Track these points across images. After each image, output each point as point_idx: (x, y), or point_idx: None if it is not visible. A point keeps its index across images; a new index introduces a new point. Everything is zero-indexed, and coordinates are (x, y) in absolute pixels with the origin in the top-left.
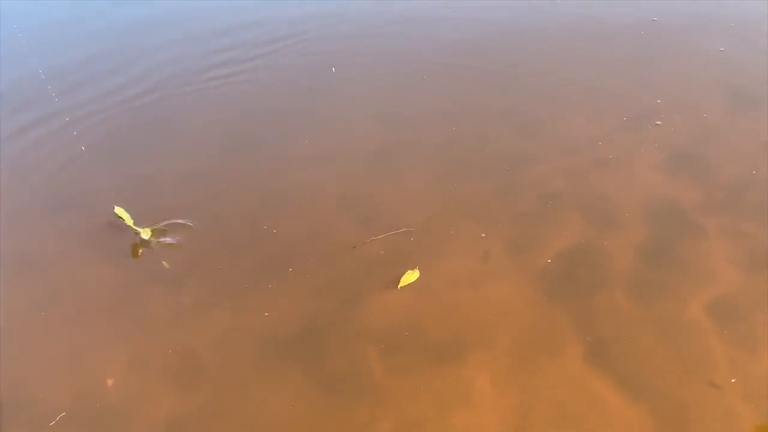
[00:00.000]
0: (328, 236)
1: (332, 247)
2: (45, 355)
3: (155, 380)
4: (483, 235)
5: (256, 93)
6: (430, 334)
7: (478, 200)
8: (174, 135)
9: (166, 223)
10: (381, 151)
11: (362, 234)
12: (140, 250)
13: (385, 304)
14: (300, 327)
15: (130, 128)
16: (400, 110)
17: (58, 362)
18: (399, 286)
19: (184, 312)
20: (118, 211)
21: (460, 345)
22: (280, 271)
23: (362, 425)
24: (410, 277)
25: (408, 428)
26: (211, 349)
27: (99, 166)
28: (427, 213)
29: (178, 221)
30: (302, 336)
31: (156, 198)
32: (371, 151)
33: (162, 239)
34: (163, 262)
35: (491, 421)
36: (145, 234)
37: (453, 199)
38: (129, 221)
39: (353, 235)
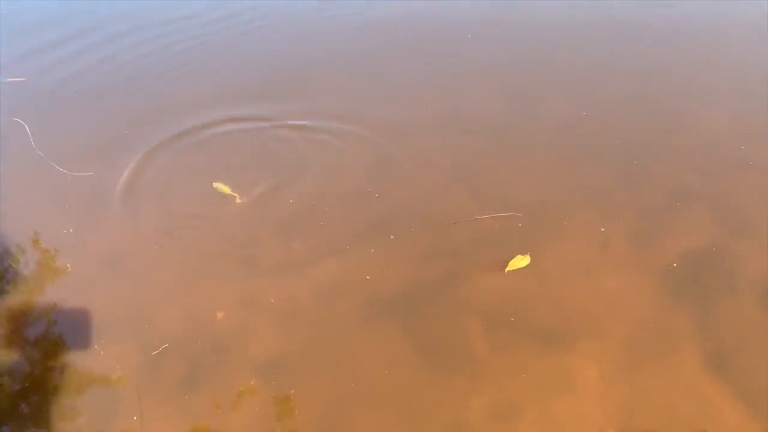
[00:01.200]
0: (434, 207)
1: (436, 219)
2: (163, 282)
3: (260, 320)
4: (602, 229)
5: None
6: (538, 317)
7: (600, 189)
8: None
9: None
10: (503, 125)
11: (472, 209)
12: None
13: (490, 283)
14: (402, 291)
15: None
16: (526, 87)
17: (174, 291)
18: (507, 270)
19: (293, 261)
20: (217, 186)
21: (569, 332)
22: (382, 237)
23: (459, 396)
24: (520, 262)
25: (505, 406)
26: (315, 299)
27: None
28: (543, 196)
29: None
30: (404, 300)
31: None
32: (492, 125)
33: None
34: (236, 199)
35: (594, 413)
36: (241, 199)
37: (572, 184)
38: (227, 190)
39: (461, 208)
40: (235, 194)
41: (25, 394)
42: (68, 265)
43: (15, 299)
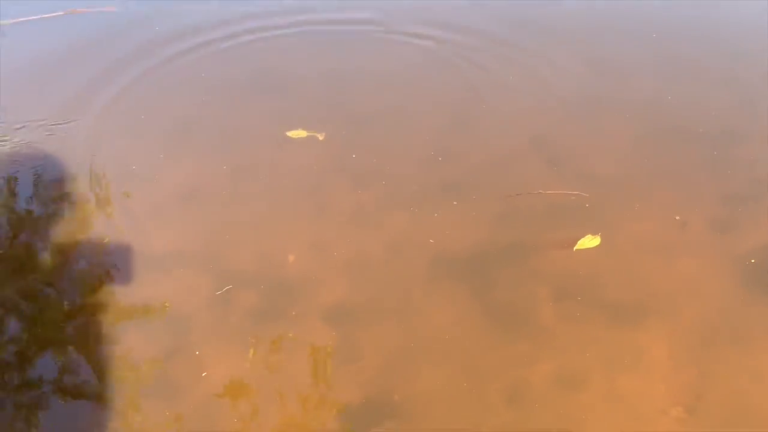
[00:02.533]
0: (508, 174)
1: (507, 186)
2: (236, 221)
3: (329, 267)
4: (677, 217)
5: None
6: (608, 292)
7: (680, 172)
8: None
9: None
10: (585, 96)
11: (547, 179)
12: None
13: (560, 255)
14: (469, 254)
15: None
16: (612, 58)
17: (246, 230)
18: (575, 248)
19: (362, 212)
20: (292, 133)
21: (640, 309)
22: (451, 197)
23: (523, 360)
24: (590, 241)
25: (570, 375)
26: (383, 251)
27: None
28: (621, 172)
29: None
30: (471, 262)
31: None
32: (574, 94)
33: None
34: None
35: (659, 391)
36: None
37: (652, 164)
38: (303, 134)
39: (535, 177)
40: (316, 133)
41: (92, 324)
42: (143, 196)
43: (82, 229)
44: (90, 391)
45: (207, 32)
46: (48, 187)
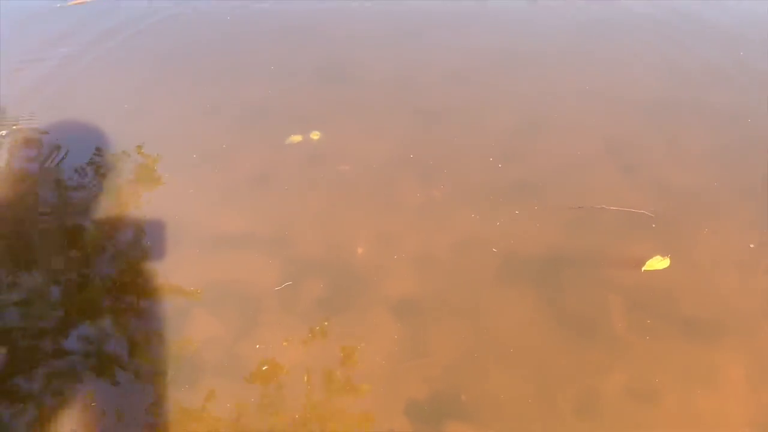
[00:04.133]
0: (581, 179)
1: (581, 193)
2: (307, 208)
3: (397, 260)
4: (751, 245)
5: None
6: (682, 307)
7: (761, 186)
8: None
9: None
10: (664, 103)
11: (622, 186)
12: None
13: (635, 267)
14: (540, 257)
15: None
16: (693, 66)
17: (316, 218)
18: (643, 269)
19: (432, 207)
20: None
21: (716, 327)
22: (522, 197)
23: (595, 368)
24: (658, 263)
25: (643, 388)
26: (451, 249)
27: None
28: (697, 183)
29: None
30: (542, 266)
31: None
32: (652, 102)
33: None
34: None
35: (737, 412)
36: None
37: (730, 176)
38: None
39: (609, 184)
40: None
41: (153, 301)
42: (211, 178)
43: (157, 206)
44: (146, 369)
45: (277, 19)
46: (103, 165)
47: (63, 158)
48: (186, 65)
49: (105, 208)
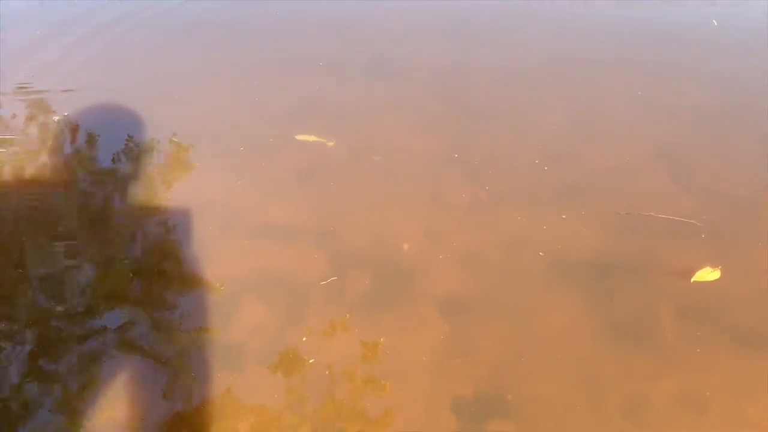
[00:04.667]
0: (630, 183)
1: (630, 198)
2: (353, 203)
3: (443, 258)
4: None
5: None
6: (735, 317)
7: None
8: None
9: None
10: (717, 110)
11: (671, 194)
12: None
13: (681, 275)
14: (588, 261)
15: None
16: (744, 71)
17: (362, 211)
18: (692, 280)
19: (479, 206)
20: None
21: None
22: (570, 200)
23: (643, 375)
24: (708, 275)
25: (692, 396)
26: (498, 248)
27: None
28: (748, 192)
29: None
30: (590, 270)
31: None
32: (705, 108)
33: None
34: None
35: None
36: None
37: None
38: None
39: (659, 192)
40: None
41: (200, 288)
42: (266, 170)
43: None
44: (191, 356)
45: (326, 14)
46: (150, 153)
47: (109, 144)
48: (235, 57)
49: (153, 195)
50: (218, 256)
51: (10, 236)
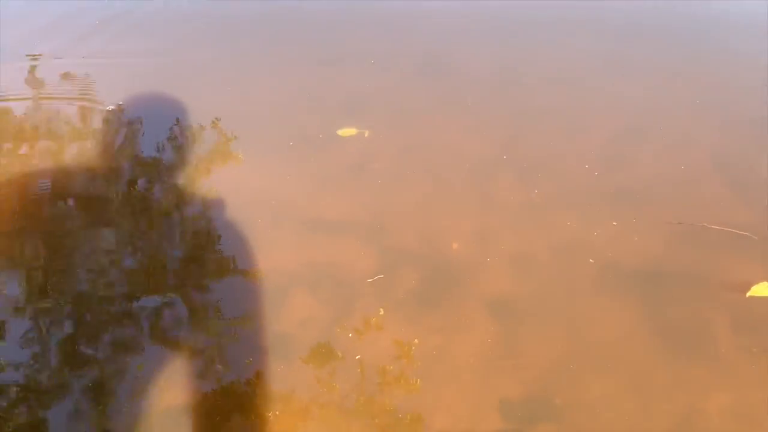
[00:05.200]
0: (686, 192)
1: (673, 207)
2: (402, 198)
3: (493, 258)
4: None
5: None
6: None
7: None
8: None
9: None
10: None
11: (720, 205)
12: None
13: (736, 289)
14: (639, 268)
15: None
16: None
17: (412, 208)
18: (748, 295)
19: (530, 207)
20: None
21: None
22: (624, 206)
23: (696, 387)
24: (765, 289)
25: (749, 412)
26: (548, 251)
27: None
28: None
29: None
30: (641, 277)
31: None
32: (763, 117)
33: None
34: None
35: None
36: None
37: None
38: None
39: (707, 202)
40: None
41: (253, 282)
42: (317, 165)
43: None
44: (239, 345)
45: (379, 13)
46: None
47: (158, 133)
48: (288, 53)
49: (202, 186)
50: (270, 245)
51: (58, 222)
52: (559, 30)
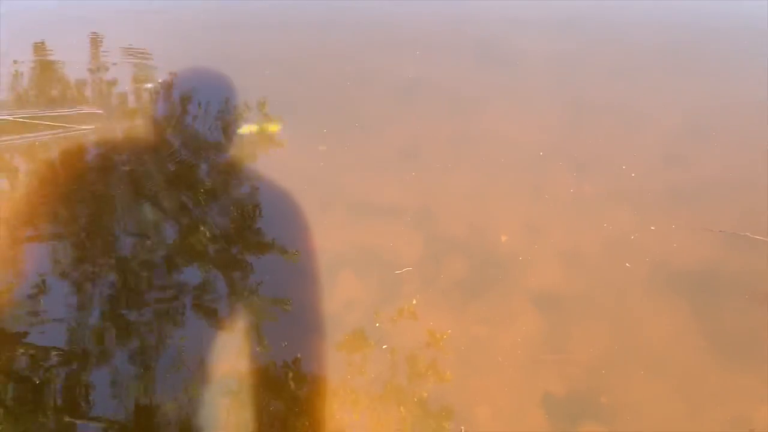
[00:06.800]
0: (745, 196)
1: (727, 211)
2: (453, 186)
3: (542, 252)
4: None
5: None
6: None
7: None
8: None
9: None
10: None
11: None
12: None
13: None
14: (695, 270)
15: None
16: None
17: (461, 198)
18: None
19: (582, 202)
20: None
21: None
22: (680, 207)
23: (747, 395)
24: None
25: None
26: (600, 247)
27: None
28: None
29: None
30: (697, 279)
31: None
32: None
33: None
34: None
35: None
36: None
37: None
38: None
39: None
40: None
41: (303, 261)
42: (370, 149)
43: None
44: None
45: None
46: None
47: (209, 113)
48: (339, 37)
49: (258, 165)
50: (321, 226)
51: (105, 198)
52: (620, 21)
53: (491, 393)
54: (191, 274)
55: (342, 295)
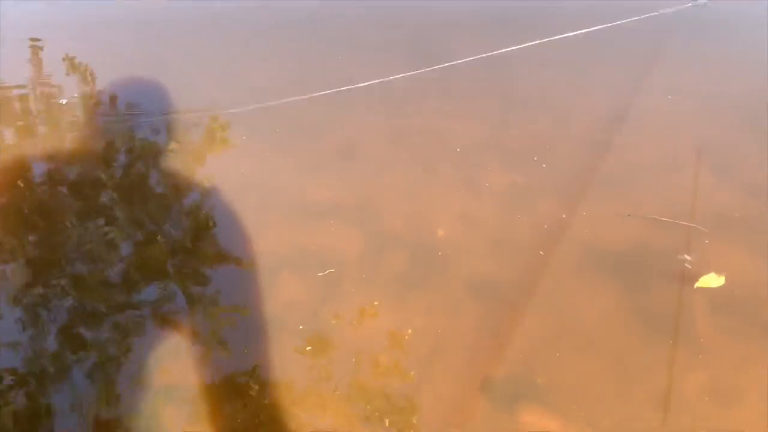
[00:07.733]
0: (660, 178)
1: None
2: (389, 183)
3: (477, 242)
4: None
5: None
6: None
7: None
8: None
9: None
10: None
11: (703, 190)
12: None
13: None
14: (622, 250)
15: None
16: None
17: (399, 193)
18: (696, 286)
19: (513, 192)
20: None
21: None
22: (595, 196)
23: (674, 367)
24: (712, 281)
25: (725, 390)
26: (532, 235)
27: None
28: None
29: None
30: (624, 258)
31: None
32: (744, 102)
33: None
34: None
35: None
36: None
37: None
38: None
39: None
40: None
41: (239, 262)
42: (306, 149)
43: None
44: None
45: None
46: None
47: (149, 119)
48: (269, 40)
49: (191, 171)
50: (258, 228)
51: (52, 212)
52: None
53: (430, 383)
54: (126, 284)
55: (283, 296)
